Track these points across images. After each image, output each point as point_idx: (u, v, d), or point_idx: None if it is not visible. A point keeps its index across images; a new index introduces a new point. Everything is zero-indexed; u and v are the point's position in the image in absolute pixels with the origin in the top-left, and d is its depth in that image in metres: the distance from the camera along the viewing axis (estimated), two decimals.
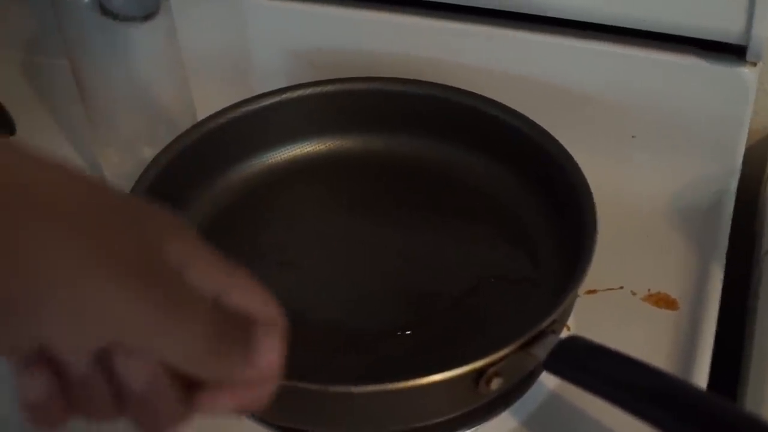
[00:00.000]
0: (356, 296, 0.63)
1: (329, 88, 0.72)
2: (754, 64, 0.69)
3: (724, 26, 0.67)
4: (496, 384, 0.51)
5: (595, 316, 0.63)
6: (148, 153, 0.67)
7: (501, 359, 0.50)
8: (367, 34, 0.78)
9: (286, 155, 0.73)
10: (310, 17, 0.79)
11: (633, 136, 0.74)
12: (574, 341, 0.52)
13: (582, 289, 0.64)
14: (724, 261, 0.66)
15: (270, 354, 0.38)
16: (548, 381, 0.59)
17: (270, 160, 0.72)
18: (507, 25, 0.74)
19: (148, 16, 0.70)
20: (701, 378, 0.58)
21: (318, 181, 0.72)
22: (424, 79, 0.72)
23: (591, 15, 0.71)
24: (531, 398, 0.58)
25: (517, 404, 0.58)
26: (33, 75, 0.87)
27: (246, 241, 0.67)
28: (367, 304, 0.63)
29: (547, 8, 0.72)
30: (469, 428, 0.57)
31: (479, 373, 0.51)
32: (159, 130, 0.72)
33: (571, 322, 0.61)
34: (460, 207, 0.69)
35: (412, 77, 0.72)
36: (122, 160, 0.73)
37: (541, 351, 0.51)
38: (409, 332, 0.60)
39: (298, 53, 0.82)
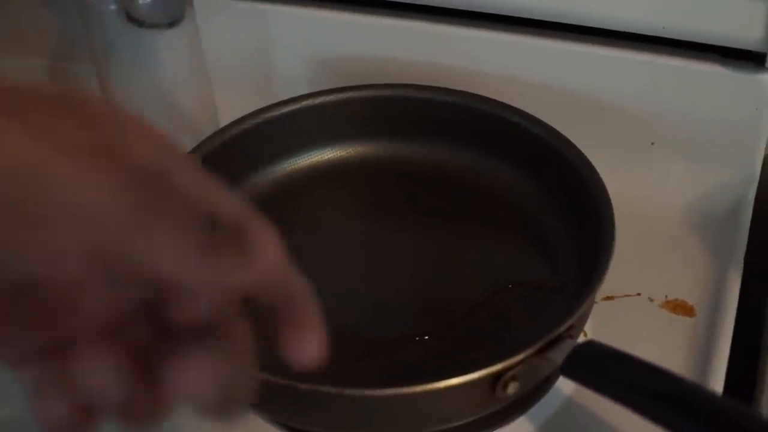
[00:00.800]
0: (376, 302, 0.64)
1: (350, 94, 0.73)
2: None
3: (744, 34, 0.68)
4: (512, 388, 0.52)
5: (612, 322, 0.63)
6: None
7: (517, 364, 0.51)
8: (389, 42, 0.79)
9: (307, 161, 0.73)
10: (332, 25, 0.80)
11: (652, 143, 0.74)
12: (591, 346, 0.52)
13: (599, 295, 0.64)
14: (741, 268, 0.66)
15: (269, 252, 0.35)
16: (564, 387, 0.59)
17: (291, 166, 0.73)
18: (528, 32, 0.75)
19: (172, 24, 0.71)
20: (717, 384, 0.58)
21: (339, 187, 0.73)
22: (445, 86, 0.72)
23: (611, 23, 0.72)
24: (547, 404, 0.59)
25: (534, 410, 0.58)
26: (60, 81, 0.88)
27: None
28: (387, 310, 0.63)
29: (569, 16, 0.73)
30: None
31: (496, 377, 0.51)
32: (182, 136, 0.73)
33: (588, 328, 0.62)
34: (479, 213, 0.70)
35: (433, 84, 0.73)
36: None
37: (558, 356, 0.52)
38: (427, 337, 0.60)
39: (321, 61, 0.82)
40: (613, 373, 0.50)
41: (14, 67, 0.84)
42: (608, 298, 0.65)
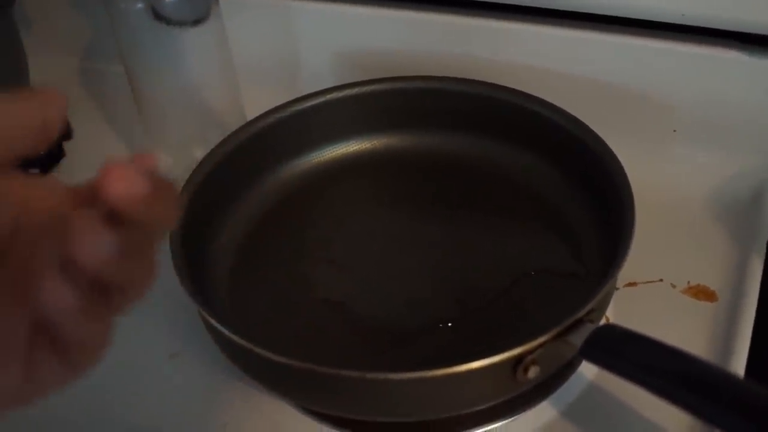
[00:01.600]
0: (400, 291, 0.65)
1: (373, 87, 0.74)
2: None
3: (763, 19, 0.68)
4: (533, 372, 0.52)
5: (634, 308, 0.64)
6: (200, 154, 0.69)
7: (537, 347, 0.51)
8: (410, 35, 0.80)
9: (332, 153, 0.75)
10: (355, 19, 0.82)
11: (674, 130, 0.74)
12: (610, 329, 0.53)
13: (622, 281, 0.65)
14: (764, 253, 0.66)
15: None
16: (587, 372, 0.60)
17: (317, 159, 0.74)
18: (548, 22, 0.76)
19: (198, 21, 0.72)
20: (739, 369, 0.58)
21: (363, 179, 0.74)
22: (467, 77, 0.73)
23: (632, 11, 0.72)
24: (570, 389, 0.59)
25: (556, 395, 0.59)
26: (88, 80, 0.90)
27: (294, 238, 0.69)
28: (411, 299, 0.64)
29: (589, 5, 0.73)
30: (508, 418, 0.58)
31: (516, 361, 0.52)
32: (210, 131, 0.74)
33: (611, 314, 0.62)
34: (501, 202, 0.71)
35: (455, 76, 0.73)
36: (175, 161, 0.75)
37: (578, 339, 0.52)
38: (450, 324, 0.61)
39: (344, 55, 0.84)
40: (632, 355, 0.51)
41: (45, 67, 0.85)
42: (631, 284, 0.65)
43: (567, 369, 0.59)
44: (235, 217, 0.70)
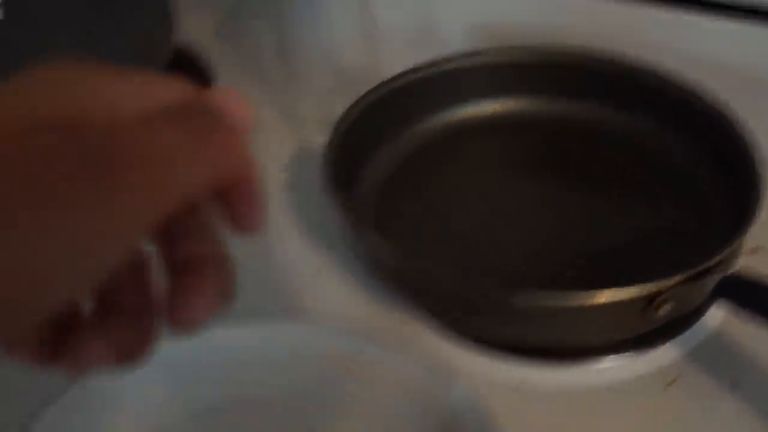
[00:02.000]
0: (528, 241, 0.67)
1: (507, 54, 0.77)
2: None
3: None
4: (664, 311, 0.55)
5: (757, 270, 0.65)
6: (340, 107, 0.72)
7: (671, 287, 0.54)
8: (546, 8, 0.83)
9: (465, 113, 0.78)
10: None
11: None
12: (738, 275, 0.56)
13: (746, 246, 0.67)
14: None
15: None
16: (712, 320, 0.62)
17: (450, 117, 0.78)
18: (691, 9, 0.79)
19: None
20: None
21: (494, 139, 0.77)
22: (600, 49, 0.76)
23: None
24: (695, 333, 0.61)
25: (681, 338, 0.61)
26: (232, 35, 0.94)
27: (422, 190, 0.72)
28: (534, 254, 0.66)
29: None
30: (634, 353, 0.60)
31: (650, 298, 0.55)
32: (350, 86, 0.78)
33: None
34: (628, 167, 0.73)
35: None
36: (318, 111, 0.79)
37: (709, 283, 0.55)
38: (578, 269, 0.63)
39: (480, 26, 0.87)
40: (763, 294, 0.54)
41: (191, 24, 0.89)
42: (753, 250, 0.67)
43: (693, 314, 0.61)
44: (374, 167, 0.73)
